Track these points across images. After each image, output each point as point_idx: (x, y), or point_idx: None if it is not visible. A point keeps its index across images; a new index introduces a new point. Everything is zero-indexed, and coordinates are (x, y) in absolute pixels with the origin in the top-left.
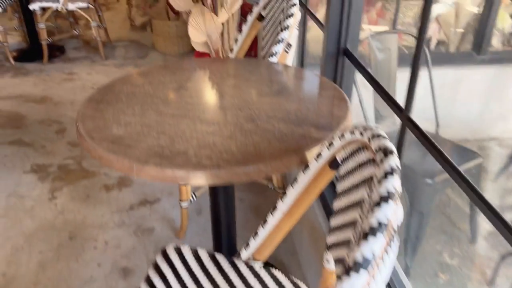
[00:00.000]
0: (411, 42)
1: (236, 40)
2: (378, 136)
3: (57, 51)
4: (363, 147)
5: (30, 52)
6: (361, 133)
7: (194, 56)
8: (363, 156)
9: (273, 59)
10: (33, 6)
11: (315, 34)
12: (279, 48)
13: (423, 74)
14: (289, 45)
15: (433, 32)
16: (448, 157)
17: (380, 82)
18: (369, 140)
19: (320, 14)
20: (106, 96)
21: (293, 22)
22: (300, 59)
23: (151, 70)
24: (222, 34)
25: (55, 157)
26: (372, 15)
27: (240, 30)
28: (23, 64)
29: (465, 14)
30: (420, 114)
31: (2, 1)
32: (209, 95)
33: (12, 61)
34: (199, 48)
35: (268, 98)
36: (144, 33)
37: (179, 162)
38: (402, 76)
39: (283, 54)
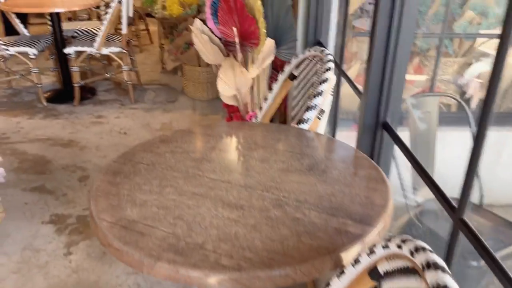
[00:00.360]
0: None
1: (266, 98)
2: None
3: (88, 93)
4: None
5: (63, 94)
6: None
7: (223, 106)
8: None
9: (304, 126)
10: (68, 50)
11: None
12: (311, 114)
13: (463, 134)
14: (322, 111)
15: (474, 90)
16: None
17: (421, 153)
18: (411, 254)
19: (354, 69)
20: (124, 166)
21: (327, 87)
22: (333, 122)
23: (175, 136)
24: (252, 87)
25: (75, 207)
26: (408, 70)
27: (271, 84)
28: (54, 106)
29: (509, 72)
30: (458, 181)
31: (40, 43)
32: (234, 171)
33: (44, 102)
34: (228, 101)
35: (298, 175)
36: (174, 76)
37: (195, 260)
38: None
39: (315, 121)
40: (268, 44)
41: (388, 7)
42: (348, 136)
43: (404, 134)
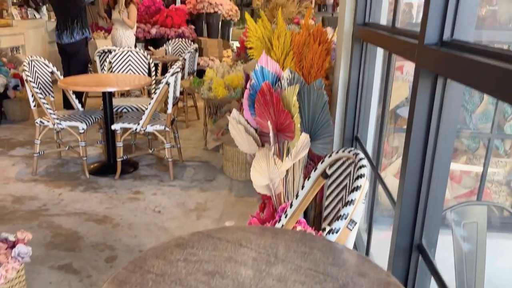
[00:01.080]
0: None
1: (297, 195)
2: None
3: (131, 167)
4: None
5: (106, 167)
6: None
7: (258, 192)
8: None
9: (333, 237)
10: (115, 126)
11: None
12: (340, 224)
13: (503, 243)
14: (352, 222)
15: None
16: None
17: (468, 276)
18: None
19: (395, 166)
20: (133, 275)
21: (359, 196)
22: (369, 220)
23: (192, 240)
24: (286, 177)
25: None
26: (454, 169)
27: (307, 174)
28: (96, 178)
29: None
30: None
31: (91, 118)
32: None
33: (87, 175)
34: (261, 190)
35: None
36: (216, 154)
37: None
38: (492, 243)
39: (345, 232)
40: (303, 138)
41: (425, 118)
42: (387, 238)
43: (446, 239)
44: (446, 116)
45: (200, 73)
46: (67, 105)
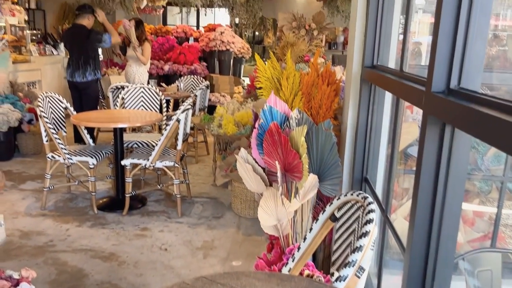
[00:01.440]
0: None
1: (305, 238)
2: None
3: (139, 203)
4: None
5: (114, 202)
6: None
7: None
8: None
9: (340, 285)
10: (124, 162)
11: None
12: (348, 272)
13: None
14: (361, 269)
15: None
16: None
17: None
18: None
19: (405, 208)
20: None
21: (368, 242)
22: (379, 264)
23: (196, 286)
24: (294, 218)
25: None
26: (467, 212)
27: (315, 214)
28: (104, 214)
29: None
30: None
31: (101, 154)
32: None
33: (95, 210)
34: (268, 231)
35: None
36: (224, 190)
37: None
38: None
39: (353, 280)
40: (311, 179)
41: (433, 164)
42: (398, 283)
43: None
44: (455, 162)
45: (211, 109)
46: (79, 138)
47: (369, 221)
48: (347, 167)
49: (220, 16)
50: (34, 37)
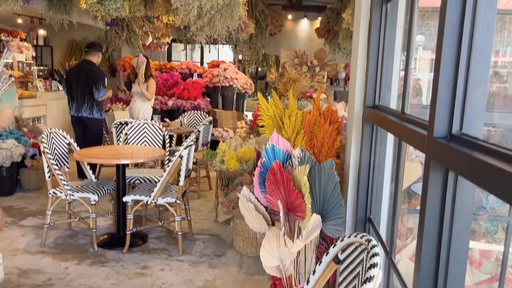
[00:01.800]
0: None
1: (308, 281)
2: None
3: (139, 240)
4: None
5: (115, 239)
6: None
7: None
8: None
9: None
10: (126, 198)
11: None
12: None
13: None
14: None
15: None
16: None
17: None
18: None
19: (410, 248)
20: None
21: (372, 287)
22: None
23: None
24: (297, 258)
25: None
26: (473, 253)
27: (319, 255)
28: (104, 251)
29: None
30: None
31: (103, 190)
32: None
33: (96, 247)
34: (270, 271)
35: None
36: (226, 227)
37: None
38: None
39: None
40: (314, 219)
41: (438, 208)
42: None
43: None
44: (460, 205)
45: (214, 143)
46: (82, 173)
47: (373, 265)
48: (350, 207)
49: (224, 53)
50: (41, 73)
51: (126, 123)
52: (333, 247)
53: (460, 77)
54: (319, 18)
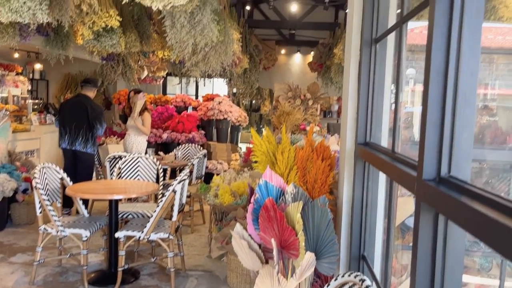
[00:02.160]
0: None
1: None
2: None
3: (131, 277)
4: None
5: (106, 276)
6: None
7: None
8: None
9: None
10: (118, 234)
11: None
12: None
13: None
14: None
15: None
16: None
17: None
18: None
19: (404, 286)
20: None
21: None
22: None
23: None
24: None
25: None
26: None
27: None
28: None
29: None
30: None
31: (95, 225)
32: None
33: (86, 285)
34: None
35: None
36: (220, 263)
37: None
38: None
39: None
40: (308, 257)
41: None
42: None
43: None
44: (451, 245)
45: (209, 176)
46: (68, 203)
47: None
48: (344, 243)
49: (219, 86)
50: (36, 106)
51: (120, 157)
52: (327, 287)
53: (447, 121)
54: (312, 53)
